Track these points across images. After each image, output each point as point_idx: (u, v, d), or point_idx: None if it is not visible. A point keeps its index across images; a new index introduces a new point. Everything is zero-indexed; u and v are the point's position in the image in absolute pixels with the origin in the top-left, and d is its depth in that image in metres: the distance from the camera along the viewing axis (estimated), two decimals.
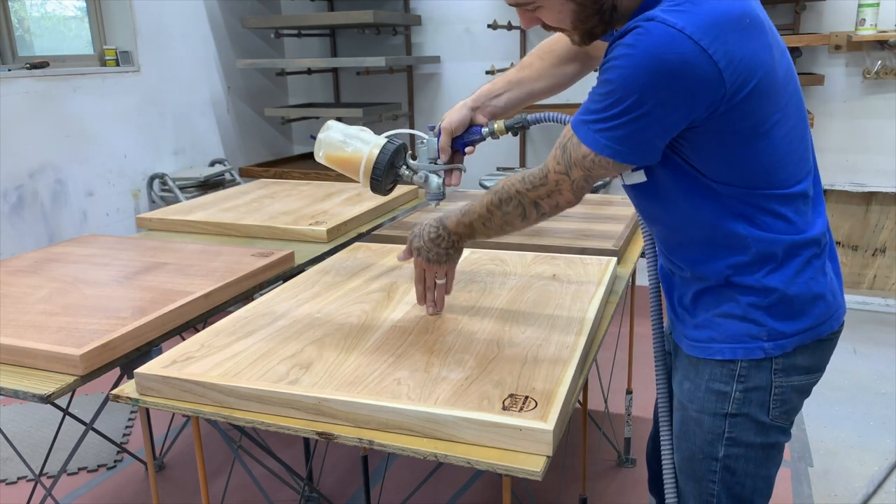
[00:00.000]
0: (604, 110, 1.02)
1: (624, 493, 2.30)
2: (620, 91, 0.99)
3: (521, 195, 1.18)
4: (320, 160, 1.35)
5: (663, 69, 0.95)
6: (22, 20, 3.42)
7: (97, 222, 3.43)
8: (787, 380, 1.14)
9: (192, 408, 1.15)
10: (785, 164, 1.08)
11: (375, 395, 1.09)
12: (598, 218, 2.13)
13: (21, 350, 1.32)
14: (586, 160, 1.07)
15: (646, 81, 0.96)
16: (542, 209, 1.19)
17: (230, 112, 4.23)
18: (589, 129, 1.05)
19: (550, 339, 1.29)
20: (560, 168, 1.11)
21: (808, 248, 1.11)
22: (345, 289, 1.58)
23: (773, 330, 1.11)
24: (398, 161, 1.33)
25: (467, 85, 4.23)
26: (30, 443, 2.66)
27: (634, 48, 0.96)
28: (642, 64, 0.96)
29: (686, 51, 0.94)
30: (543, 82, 1.39)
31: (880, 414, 2.68)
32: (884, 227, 3.69)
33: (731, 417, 1.16)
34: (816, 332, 1.14)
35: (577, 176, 1.10)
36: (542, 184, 1.15)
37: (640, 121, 0.99)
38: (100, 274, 1.74)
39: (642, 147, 1.04)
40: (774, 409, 1.15)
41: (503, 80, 1.39)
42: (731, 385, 1.14)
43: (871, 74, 3.48)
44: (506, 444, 1.00)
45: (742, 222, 1.09)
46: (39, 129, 3.13)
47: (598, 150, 1.05)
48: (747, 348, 1.13)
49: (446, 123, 1.33)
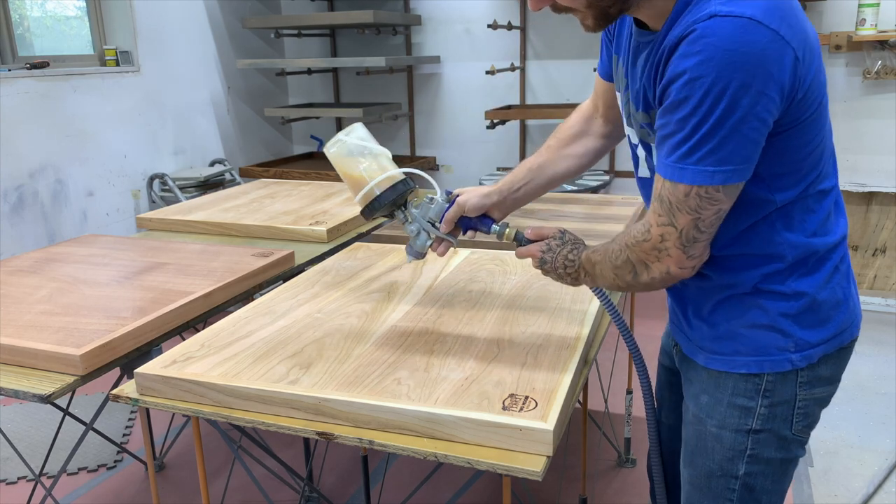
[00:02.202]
0: (692, 134, 0.92)
1: (624, 493, 2.30)
2: (708, 101, 0.89)
3: (629, 248, 1.05)
4: (329, 156, 1.29)
5: (748, 61, 0.87)
6: (22, 20, 3.42)
7: (97, 222, 3.43)
8: (810, 392, 1.10)
9: (192, 408, 1.15)
10: (828, 153, 1.05)
11: (375, 395, 1.09)
12: (598, 218, 2.13)
13: (21, 350, 1.32)
14: (690, 199, 0.95)
15: (734, 80, 0.87)
16: (652, 273, 1.04)
17: (230, 112, 4.23)
18: (683, 166, 0.94)
19: (550, 339, 1.29)
20: (663, 219, 0.99)
21: (838, 251, 1.09)
22: (345, 289, 1.58)
23: (800, 340, 1.07)
24: (400, 201, 1.28)
25: (467, 85, 4.23)
26: (30, 443, 2.66)
27: (706, 50, 0.88)
28: (724, 63, 0.87)
29: (763, 38, 0.88)
30: (562, 165, 1.35)
31: (880, 414, 2.68)
32: (884, 227, 3.69)
33: (754, 434, 1.11)
34: (840, 340, 1.10)
35: (684, 223, 0.97)
36: (644, 238, 1.02)
37: (741, 126, 0.90)
38: (100, 274, 1.74)
39: (751, 155, 0.94)
40: (797, 423, 1.11)
41: (524, 169, 1.34)
42: (756, 400, 1.10)
43: (872, 74, 3.48)
44: (506, 444, 1.00)
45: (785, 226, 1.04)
46: (39, 129, 3.13)
47: (703, 182, 0.93)
48: (774, 361, 1.08)
49: (463, 200, 1.27)
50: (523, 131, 4.19)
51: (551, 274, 1.19)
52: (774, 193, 1.02)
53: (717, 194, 0.95)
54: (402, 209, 1.29)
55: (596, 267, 1.12)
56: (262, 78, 4.48)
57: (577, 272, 1.16)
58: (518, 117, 3.96)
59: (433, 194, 1.30)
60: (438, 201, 1.28)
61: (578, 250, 1.17)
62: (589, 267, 1.14)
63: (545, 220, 2.10)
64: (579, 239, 1.20)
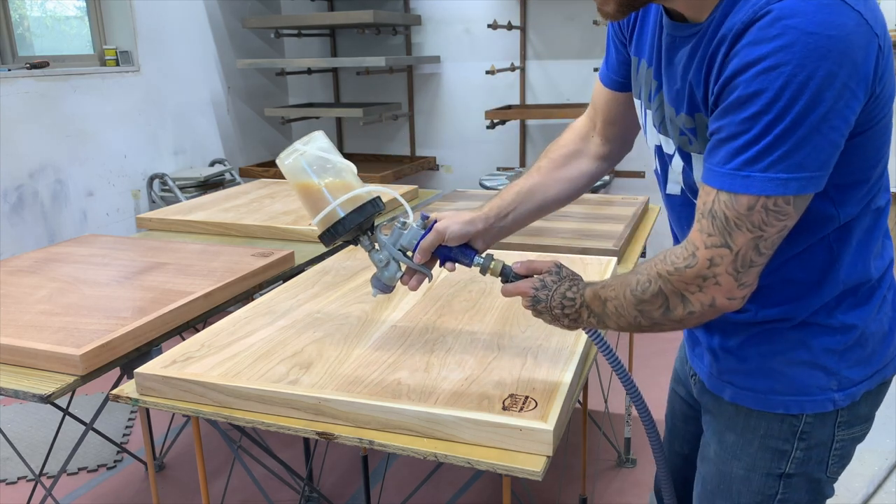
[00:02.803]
0: (763, 134, 0.77)
1: (624, 493, 2.30)
2: (787, 94, 0.75)
3: (663, 279, 0.88)
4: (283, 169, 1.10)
5: (835, 47, 0.74)
6: (22, 19, 3.42)
7: (97, 222, 3.43)
8: (849, 432, 1.01)
9: (192, 408, 1.15)
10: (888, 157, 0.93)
11: (375, 395, 1.09)
12: (598, 218, 2.13)
13: (21, 350, 1.32)
14: (755, 214, 0.80)
15: (820, 68, 0.74)
16: (690, 307, 0.87)
17: (230, 112, 4.23)
18: (748, 173, 0.79)
19: (550, 339, 1.29)
20: (714, 240, 0.83)
21: (887, 277, 0.99)
22: (345, 289, 1.58)
23: (843, 378, 0.97)
24: (366, 224, 1.11)
25: (467, 85, 4.23)
26: (30, 443, 2.66)
27: (786, 34, 0.74)
28: (808, 49, 0.73)
29: (851, 20, 0.75)
30: (554, 189, 1.20)
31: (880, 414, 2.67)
32: None
33: (786, 478, 1.02)
34: (882, 375, 1.00)
35: (742, 243, 0.81)
36: (688, 265, 0.85)
37: (822, 125, 0.76)
38: (100, 274, 1.74)
39: (828, 160, 0.80)
40: (833, 465, 1.02)
41: (512, 193, 1.18)
42: (792, 443, 1.00)
43: None
44: (506, 444, 1.00)
45: (843, 249, 0.92)
46: (39, 129, 3.13)
47: (773, 192, 0.78)
48: (815, 401, 0.97)
49: (442, 227, 1.10)
50: (523, 131, 4.19)
51: (545, 315, 1.03)
52: (839, 208, 0.89)
53: (787, 207, 0.79)
54: (367, 234, 1.12)
55: (608, 304, 0.96)
56: (262, 78, 4.48)
57: (579, 312, 1.00)
58: (518, 117, 3.96)
59: (405, 218, 1.12)
60: (413, 227, 1.10)
61: (579, 287, 1.01)
62: (596, 305, 0.98)
63: (545, 221, 2.09)
64: (577, 275, 1.04)
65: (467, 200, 2.41)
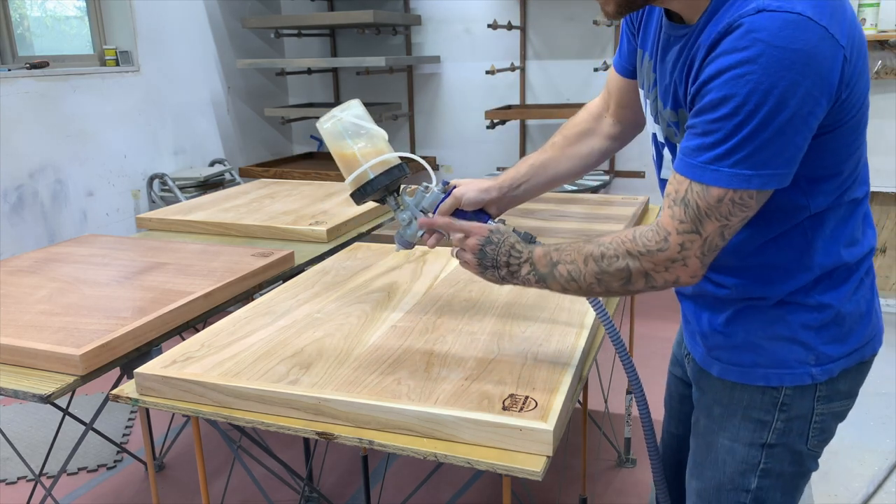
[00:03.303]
0: (732, 135, 0.85)
1: (624, 493, 2.30)
2: (753, 101, 0.82)
3: (633, 257, 0.96)
4: (322, 132, 1.22)
5: (799, 60, 0.81)
6: (22, 19, 3.42)
7: (97, 222, 3.43)
8: (828, 406, 1.07)
9: (192, 408, 1.15)
10: (864, 159, 1.02)
11: (375, 395, 1.09)
12: (598, 218, 2.13)
13: (21, 350, 1.32)
14: (723, 205, 0.88)
15: (783, 78, 0.81)
16: (652, 282, 0.96)
17: (230, 112, 4.23)
18: (717, 167, 0.87)
19: (550, 339, 1.29)
20: (685, 226, 0.91)
21: (865, 263, 1.05)
22: (345, 289, 1.58)
23: (821, 354, 1.03)
24: (393, 186, 1.21)
25: (467, 85, 4.23)
26: (30, 443, 2.66)
27: (753, 47, 0.82)
28: (773, 60, 0.81)
29: (815, 35, 0.82)
30: (565, 164, 1.29)
31: (880, 414, 2.68)
32: (884, 227, 3.69)
33: (768, 448, 1.08)
34: (861, 354, 1.07)
35: (711, 230, 0.90)
36: (660, 248, 0.94)
37: (786, 128, 0.84)
38: (100, 274, 1.74)
39: (792, 160, 0.88)
40: (813, 438, 1.08)
41: (526, 165, 1.28)
42: (773, 414, 1.06)
43: (872, 74, 3.48)
44: (506, 445, 1.00)
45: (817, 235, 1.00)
46: (39, 129, 3.13)
47: (739, 185, 0.87)
48: (794, 374, 1.04)
49: (460, 193, 1.21)
50: (523, 131, 4.19)
51: (485, 260, 1.09)
52: (809, 199, 0.97)
53: (749, 200, 0.88)
54: (394, 195, 1.22)
55: (558, 267, 1.02)
56: (262, 78, 4.48)
57: (520, 265, 1.06)
58: (518, 117, 3.96)
59: (428, 182, 1.24)
60: (434, 191, 1.22)
61: (527, 244, 1.08)
62: (543, 265, 1.04)
63: (545, 221, 2.10)
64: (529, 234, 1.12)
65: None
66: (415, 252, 1.81)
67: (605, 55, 3.87)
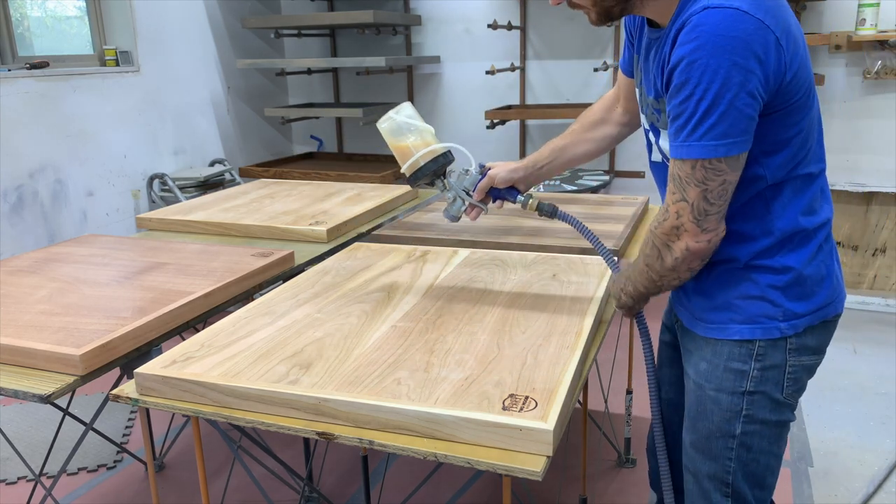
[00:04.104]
0: (693, 112, 1.03)
1: (624, 493, 2.30)
2: (705, 82, 1.00)
3: (653, 234, 1.16)
4: (381, 130, 1.45)
5: (736, 44, 0.99)
6: (22, 19, 3.42)
7: (97, 222, 3.43)
8: (798, 359, 1.20)
9: (192, 408, 1.15)
10: (815, 138, 1.16)
11: (375, 395, 1.09)
12: (598, 218, 2.13)
13: (21, 350, 1.32)
14: (697, 171, 1.06)
15: (725, 60, 0.99)
16: (673, 252, 1.14)
17: (230, 112, 4.23)
18: (689, 143, 1.05)
19: (550, 339, 1.29)
20: (676, 196, 1.10)
21: (822, 230, 1.19)
22: (345, 289, 1.58)
23: (787, 310, 1.18)
24: (440, 171, 1.43)
25: (467, 85, 4.23)
26: (30, 443, 2.66)
27: (700, 38, 1.00)
28: (716, 47, 0.99)
29: (749, 25, 0.99)
30: (581, 148, 1.52)
31: (880, 414, 2.68)
32: (884, 227, 3.69)
33: (748, 395, 1.21)
34: (824, 313, 1.20)
35: (694, 196, 1.08)
36: (664, 219, 1.13)
37: (735, 101, 1.01)
38: (100, 274, 1.74)
39: (747, 129, 1.05)
40: (788, 388, 1.21)
41: (549, 149, 1.51)
42: (749, 364, 1.20)
43: (872, 74, 3.48)
44: (506, 444, 1.00)
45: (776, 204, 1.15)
46: (39, 129, 3.13)
47: (706, 155, 1.05)
48: (765, 328, 1.18)
49: (493, 173, 1.44)
50: (523, 131, 4.19)
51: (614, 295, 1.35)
52: (766, 170, 1.13)
53: (720, 165, 1.05)
54: (441, 179, 1.45)
55: (633, 268, 1.25)
56: (262, 78, 4.48)
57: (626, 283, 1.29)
58: (518, 117, 3.96)
59: (469, 167, 1.46)
60: (473, 173, 1.45)
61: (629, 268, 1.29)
62: (631, 272, 1.26)
63: (545, 220, 2.10)
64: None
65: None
66: (415, 252, 1.82)
67: (605, 55, 3.87)
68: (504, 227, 2.04)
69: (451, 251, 1.82)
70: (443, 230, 2.02)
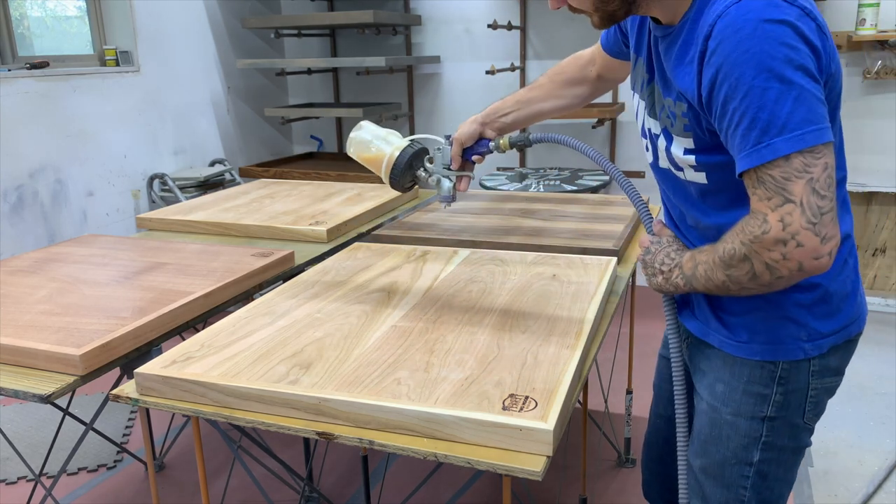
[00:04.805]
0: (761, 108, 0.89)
1: (624, 493, 2.30)
2: (764, 71, 0.88)
3: (746, 246, 0.96)
4: (351, 156, 1.49)
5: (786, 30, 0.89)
6: (22, 19, 3.42)
7: (97, 222, 3.43)
8: (821, 381, 1.13)
9: (192, 408, 1.15)
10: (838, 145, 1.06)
11: (375, 395, 1.09)
12: (598, 218, 2.13)
13: (21, 350, 1.32)
14: (794, 161, 0.88)
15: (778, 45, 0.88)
16: (778, 272, 0.93)
17: (230, 112, 4.23)
18: (769, 141, 0.89)
19: (550, 339, 1.29)
20: (776, 200, 0.90)
21: (846, 244, 1.11)
22: (345, 289, 1.58)
23: (813, 330, 1.10)
24: (416, 163, 1.44)
25: (467, 85, 4.23)
26: (30, 443, 2.66)
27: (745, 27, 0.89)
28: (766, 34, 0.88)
29: (792, 12, 0.90)
30: (550, 103, 1.47)
31: (880, 414, 2.68)
32: (884, 227, 3.69)
33: (769, 421, 1.13)
34: (848, 332, 1.13)
35: (800, 191, 0.88)
36: (763, 231, 0.92)
37: (805, 84, 0.88)
38: (100, 274, 1.74)
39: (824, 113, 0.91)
40: (809, 412, 1.14)
41: (512, 100, 1.46)
42: (772, 388, 1.12)
43: (871, 74, 3.48)
44: (506, 444, 1.00)
45: None
46: (39, 129, 3.13)
47: (802, 146, 0.88)
48: (788, 349, 1.11)
49: (458, 134, 1.41)
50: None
51: (648, 268, 1.17)
52: None
53: (820, 152, 0.89)
54: (421, 169, 1.46)
55: (699, 268, 1.05)
56: (262, 78, 4.48)
57: (672, 270, 1.12)
58: None
59: (439, 145, 1.45)
60: (445, 148, 1.44)
61: (681, 252, 1.13)
62: (688, 267, 1.08)
63: (545, 220, 2.10)
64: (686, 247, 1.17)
65: (468, 200, 2.42)
66: (415, 252, 1.82)
67: None
68: (504, 227, 2.03)
69: (451, 251, 1.82)
70: (443, 230, 2.02)
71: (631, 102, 1.36)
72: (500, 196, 2.51)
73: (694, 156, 1.07)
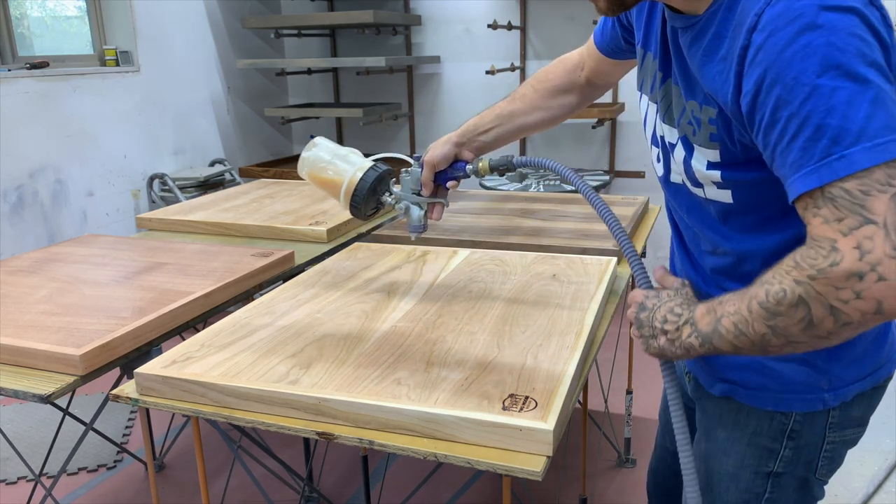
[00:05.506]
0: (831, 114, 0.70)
1: (624, 493, 2.30)
2: (829, 79, 0.70)
3: (804, 286, 0.73)
4: (303, 177, 1.34)
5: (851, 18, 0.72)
6: (22, 19, 3.42)
7: (97, 222, 3.43)
8: (840, 434, 0.99)
9: (192, 408, 1.15)
10: None
11: (375, 395, 1.09)
12: (598, 218, 2.13)
13: (21, 350, 1.32)
14: (876, 174, 0.69)
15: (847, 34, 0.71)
16: (845, 318, 0.71)
17: (230, 112, 4.23)
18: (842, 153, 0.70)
19: (550, 339, 1.29)
20: (850, 221, 0.69)
21: None
22: (345, 289, 1.58)
23: (835, 377, 0.95)
24: (381, 187, 1.28)
25: (467, 85, 4.23)
26: (30, 443, 2.66)
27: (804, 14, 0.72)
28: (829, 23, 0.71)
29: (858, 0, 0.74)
30: (535, 115, 1.31)
31: (880, 414, 2.67)
32: None
33: (774, 477, 1.01)
34: (875, 378, 0.98)
35: (883, 207, 0.68)
36: (832, 263, 0.70)
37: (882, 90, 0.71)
38: (100, 274, 1.74)
39: None
40: (822, 468, 1.02)
41: (492, 114, 1.31)
42: (781, 442, 0.99)
43: None
44: (506, 444, 1.00)
45: None
46: (39, 129, 3.13)
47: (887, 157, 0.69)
48: (805, 399, 0.96)
49: (429, 157, 1.26)
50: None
51: (644, 328, 0.96)
52: None
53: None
54: (386, 194, 1.30)
55: (723, 321, 0.82)
56: (262, 78, 4.48)
57: (680, 329, 0.89)
58: None
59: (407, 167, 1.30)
60: (414, 170, 1.28)
61: (690, 306, 0.91)
62: (705, 322, 0.85)
63: (545, 220, 2.10)
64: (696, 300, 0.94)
65: (468, 200, 2.42)
66: (415, 252, 1.81)
67: None
68: (504, 227, 2.03)
69: (451, 251, 1.82)
70: (443, 230, 2.02)
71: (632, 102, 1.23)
72: (499, 196, 2.51)
73: (719, 171, 0.89)
